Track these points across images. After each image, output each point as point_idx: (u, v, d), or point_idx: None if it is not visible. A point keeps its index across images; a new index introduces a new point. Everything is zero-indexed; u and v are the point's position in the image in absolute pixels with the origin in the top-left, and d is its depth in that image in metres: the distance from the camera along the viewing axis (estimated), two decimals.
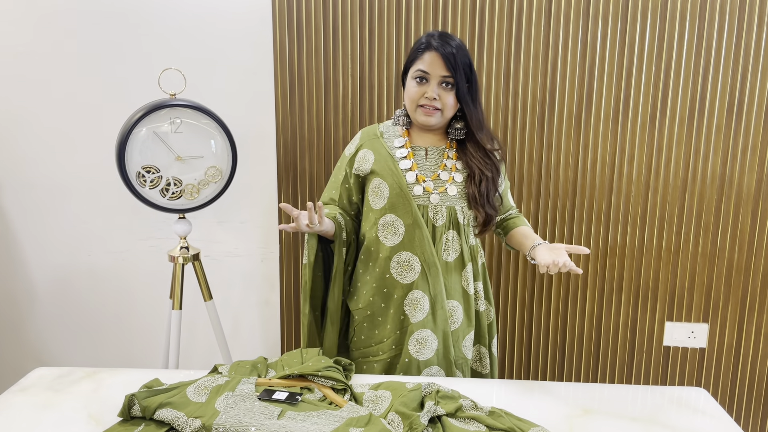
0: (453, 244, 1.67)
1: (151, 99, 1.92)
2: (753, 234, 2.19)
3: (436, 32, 1.63)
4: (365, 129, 1.77)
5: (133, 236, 2.33)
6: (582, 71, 2.12)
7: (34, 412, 1.26)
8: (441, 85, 1.59)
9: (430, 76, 1.59)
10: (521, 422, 1.20)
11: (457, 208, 1.66)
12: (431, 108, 1.60)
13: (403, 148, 1.68)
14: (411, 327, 1.64)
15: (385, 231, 1.66)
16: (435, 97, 1.59)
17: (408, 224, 1.63)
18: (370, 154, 1.69)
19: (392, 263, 1.65)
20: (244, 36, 2.17)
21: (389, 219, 1.65)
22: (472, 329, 1.73)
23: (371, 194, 1.68)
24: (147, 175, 1.86)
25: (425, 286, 1.64)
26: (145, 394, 1.21)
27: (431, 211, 1.64)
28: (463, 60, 1.58)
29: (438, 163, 1.67)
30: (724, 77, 2.09)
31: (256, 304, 2.39)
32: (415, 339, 1.64)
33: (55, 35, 2.17)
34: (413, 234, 1.63)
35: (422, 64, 1.59)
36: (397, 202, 1.63)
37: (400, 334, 1.66)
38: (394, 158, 1.66)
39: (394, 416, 1.18)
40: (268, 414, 1.17)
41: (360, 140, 1.74)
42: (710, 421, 1.27)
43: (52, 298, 2.39)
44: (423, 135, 1.70)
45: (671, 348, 2.31)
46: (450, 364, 1.68)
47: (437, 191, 1.64)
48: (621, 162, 2.18)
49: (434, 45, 1.58)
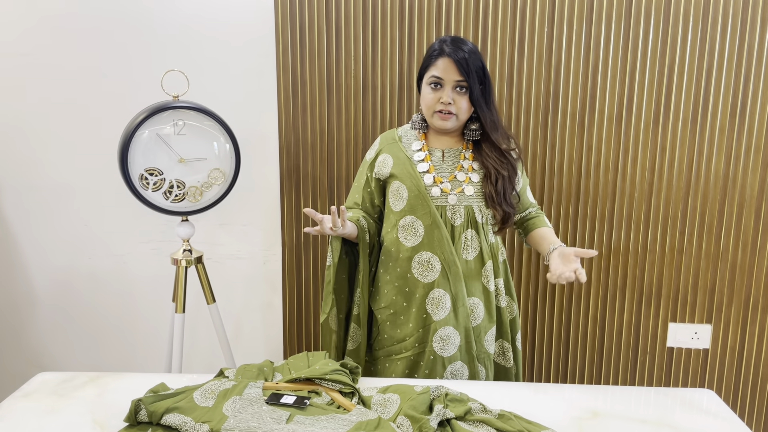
0: (472, 242, 1.71)
1: (153, 101, 1.91)
2: (756, 235, 2.19)
3: (448, 38, 1.66)
4: (384, 134, 1.82)
5: (135, 239, 2.32)
6: (585, 73, 2.12)
7: (38, 417, 1.25)
8: (455, 89, 1.63)
9: (444, 81, 1.63)
10: (531, 425, 1.20)
11: (475, 207, 1.70)
12: (447, 113, 1.64)
13: (420, 152, 1.72)
14: (434, 325, 1.68)
15: (405, 232, 1.70)
16: (450, 102, 1.63)
17: (427, 225, 1.68)
18: (389, 158, 1.74)
19: (413, 263, 1.70)
20: (247, 38, 2.17)
21: (409, 220, 1.70)
22: (493, 325, 1.77)
23: (391, 197, 1.73)
24: (150, 177, 1.85)
25: (446, 285, 1.68)
26: (152, 399, 1.20)
27: (449, 211, 1.68)
28: (475, 64, 1.62)
29: (455, 164, 1.71)
30: (727, 79, 2.09)
31: (259, 307, 2.38)
32: (439, 336, 1.68)
33: (57, 38, 2.16)
34: (432, 234, 1.67)
35: (436, 70, 1.63)
36: (416, 204, 1.68)
37: (423, 332, 1.70)
38: (412, 161, 1.71)
39: (404, 420, 1.17)
40: (276, 418, 1.16)
41: (379, 145, 1.79)
42: (720, 423, 1.27)
43: (53, 302, 2.38)
44: (440, 138, 1.74)
45: (675, 349, 2.30)
46: (472, 359, 1.73)
47: (454, 192, 1.68)
48: (624, 163, 2.17)
49: (447, 51, 1.61)
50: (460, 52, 1.60)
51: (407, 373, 1.72)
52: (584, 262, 2.24)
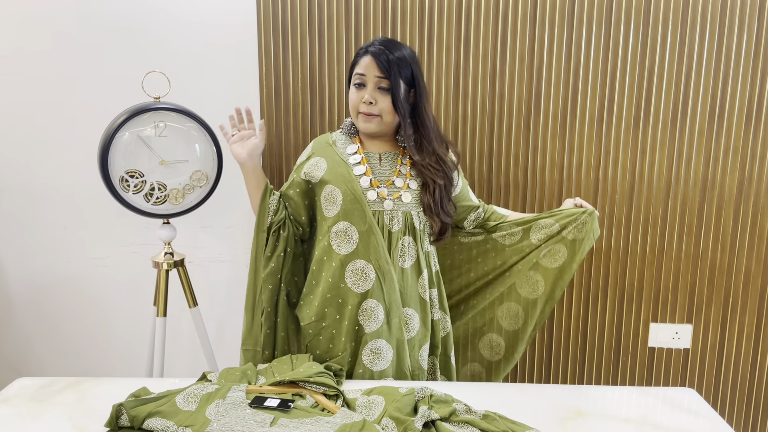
0: (409, 249, 1.66)
1: (134, 102, 1.89)
2: (735, 235, 2.22)
3: (379, 39, 1.64)
4: (317, 138, 1.77)
5: (115, 242, 2.29)
6: (567, 75, 2.14)
7: (17, 423, 1.23)
8: (378, 89, 1.60)
9: (366, 78, 1.60)
10: (515, 425, 1.20)
11: (413, 213, 1.66)
12: (368, 114, 1.61)
13: (356, 154, 1.67)
14: (365, 337, 1.61)
15: (339, 239, 1.62)
16: (371, 101, 1.59)
17: (362, 231, 1.60)
18: (322, 161, 1.67)
19: (347, 272, 1.62)
20: (229, 39, 2.15)
21: (342, 226, 1.62)
22: (428, 339, 1.71)
23: (324, 202, 1.65)
24: (130, 179, 1.82)
25: (380, 295, 1.61)
26: (134, 404, 1.18)
27: (387, 216, 1.63)
28: (402, 67, 1.58)
29: (392, 169, 1.67)
30: (705, 81, 2.12)
31: (241, 310, 2.35)
32: (369, 349, 1.60)
33: (36, 38, 2.13)
34: (368, 241, 1.60)
35: (359, 68, 1.61)
36: (351, 208, 1.61)
37: (354, 345, 1.62)
38: (347, 164, 1.65)
39: (388, 421, 1.16)
40: (260, 421, 1.15)
41: (312, 149, 1.74)
42: (701, 421, 1.28)
43: (31, 306, 2.34)
44: (374, 142, 1.70)
45: (656, 349, 2.32)
46: (404, 376, 1.65)
47: (391, 197, 1.63)
48: (605, 165, 2.19)
49: (371, 50, 1.59)
50: (384, 53, 1.57)
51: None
52: None
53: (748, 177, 2.17)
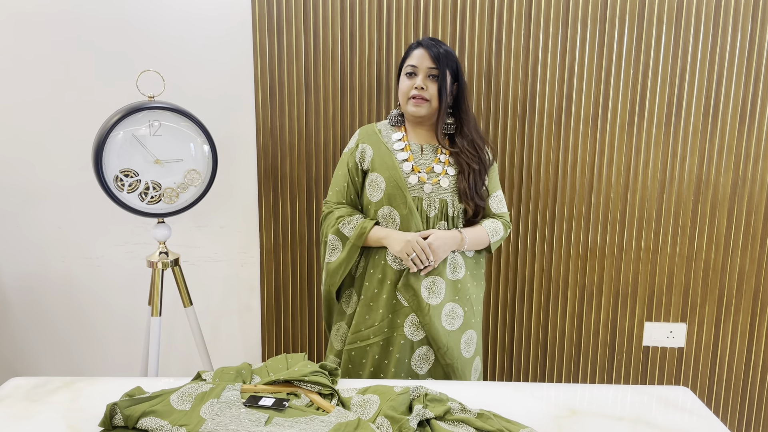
0: None
1: (129, 102, 1.88)
2: (729, 234, 2.23)
3: (426, 37, 1.84)
4: (363, 127, 1.92)
5: (109, 241, 2.28)
6: (562, 74, 2.14)
7: (10, 423, 1.22)
8: (428, 78, 1.77)
9: (418, 69, 1.77)
10: (510, 424, 1.20)
11: (449, 201, 1.81)
12: (420, 98, 1.77)
13: (400, 142, 1.83)
14: (404, 310, 1.77)
15: (384, 222, 1.81)
16: (423, 87, 1.76)
17: (403, 215, 1.78)
18: (368, 149, 1.84)
19: (388, 251, 1.78)
20: (224, 38, 2.15)
21: (386, 211, 1.80)
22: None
23: (368, 188, 1.83)
24: (125, 179, 1.82)
25: None
26: (128, 403, 1.18)
27: (425, 202, 1.79)
28: (450, 59, 1.78)
29: (432, 157, 1.83)
30: (700, 80, 2.13)
31: (237, 309, 2.36)
32: (410, 321, 1.77)
33: (30, 36, 2.12)
34: (409, 223, 1.77)
35: (411, 60, 1.79)
36: (394, 194, 1.77)
37: (392, 317, 1.78)
38: (392, 153, 1.81)
39: (383, 420, 1.16)
40: (255, 421, 1.14)
41: (359, 136, 1.89)
42: (696, 420, 1.29)
43: (25, 306, 2.33)
44: (417, 132, 1.85)
45: (650, 348, 2.33)
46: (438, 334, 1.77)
47: (430, 181, 1.79)
48: (600, 164, 2.20)
49: (423, 43, 1.79)
50: (435, 46, 1.77)
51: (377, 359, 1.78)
52: (560, 261, 2.26)
53: (741, 177, 2.18)
